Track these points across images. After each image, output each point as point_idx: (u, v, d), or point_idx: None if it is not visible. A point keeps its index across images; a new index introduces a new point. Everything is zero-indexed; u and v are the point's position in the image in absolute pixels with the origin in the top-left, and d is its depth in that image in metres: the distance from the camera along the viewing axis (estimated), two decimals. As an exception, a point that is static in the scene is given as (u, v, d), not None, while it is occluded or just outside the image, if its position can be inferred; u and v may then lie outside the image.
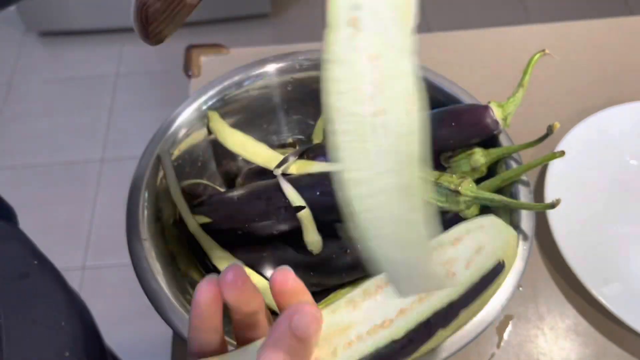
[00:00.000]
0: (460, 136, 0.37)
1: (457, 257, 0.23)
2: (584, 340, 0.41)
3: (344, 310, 0.22)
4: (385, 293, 0.22)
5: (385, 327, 0.21)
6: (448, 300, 0.22)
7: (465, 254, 0.23)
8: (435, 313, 0.21)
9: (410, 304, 0.21)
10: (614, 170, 0.50)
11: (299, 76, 0.45)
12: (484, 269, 0.23)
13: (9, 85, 1.42)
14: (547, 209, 0.31)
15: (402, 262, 0.17)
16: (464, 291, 0.22)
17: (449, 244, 0.23)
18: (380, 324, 0.21)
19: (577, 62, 0.59)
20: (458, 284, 0.22)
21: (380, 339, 0.21)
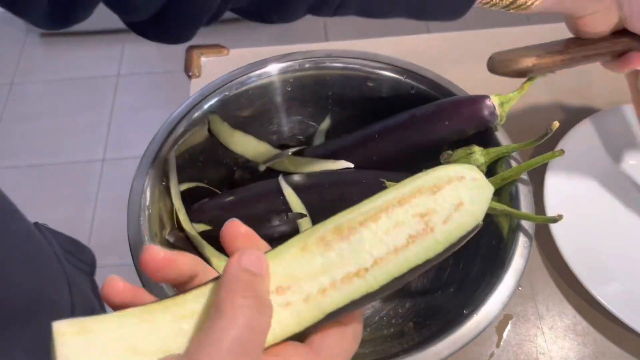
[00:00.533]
0: (459, 126, 0.38)
1: (436, 209, 0.21)
2: (583, 340, 0.41)
3: (316, 250, 0.21)
4: (359, 235, 0.21)
5: (360, 276, 0.21)
6: (425, 258, 0.21)
7: (444, 208, 0.21)
8: (411, 270, 0.21)
9: (385, 254, 0.21)
10: (614, 170, 0.50)
11: (299, 77, 0.45)
12: (463, 230, 0.21)
13: (11, 85, 1.43)
14: (549, 222, 0.31)
15: None
16: (442, 250, 0.21)
17: (428, 192, 0.22)
18: (355, 272, 0.21)
19: (576, 62, 0.59)
20: (436, 242, 0.21)
21: (356, 291, 0.20)
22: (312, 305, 0.20)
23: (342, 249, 0.21)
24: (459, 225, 0.21)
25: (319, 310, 0.20)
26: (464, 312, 0.33)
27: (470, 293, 0.35)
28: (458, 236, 0.21)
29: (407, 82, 0.43)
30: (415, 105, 0.43)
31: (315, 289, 0.20)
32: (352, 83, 0.45)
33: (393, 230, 0.21)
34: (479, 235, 0.29)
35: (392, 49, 0.59)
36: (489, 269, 0.36)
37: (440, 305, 0.38)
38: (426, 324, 0.37)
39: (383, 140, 0.41)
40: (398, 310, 0.41)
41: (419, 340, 0.34)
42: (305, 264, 0.21)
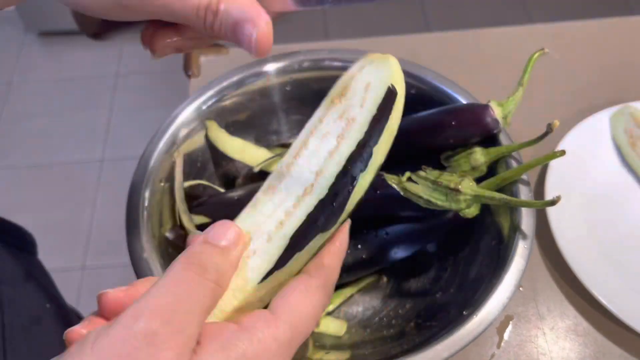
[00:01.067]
0: (460, 135, 0.37)
1: (350, 103, 0.23)
2: (584, 341, 0.41)
3: (266, 199, 0.23)
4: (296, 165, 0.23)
5: (308, 192, 0.22)
6: (356, 141, 0.22)
7: (357, 97, 0.23)
8: (350, 159, 0.22)
9: (323, 163, 0.22)
10: (614, 170, 0.50)
11: (299, 76, 0.44)
12: (378, 99, 0.23)
13: (9, 85, 1.42)
14: (547, 205, 0.31)
15: None
16: (367, 127, 0.22)
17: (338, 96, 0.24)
18: (303, 192, 0.22)
19: (577, 62, 0.59)
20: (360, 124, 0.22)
21: (308, 205, 0.22)
22: (275, 239, 0.21)
23: (287, 183, 0.22)
24: (373, 99, 0.23)
25: (282, 239, 0.21)
26: (464, 313, 0.33)
27: (470, 294, 0.35)
28: (376, 107, 0.23)
29: (407, 81, 0.43)
30: (416, 105, 0.43)
31: (274, 226, 0.22)
32: (352, 82, 0.45)
33: (322, 143, 0.23)
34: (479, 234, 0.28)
35: (392, 48, 0.59)
36: (489, 269, 0.36)
37: (441, 306, 0.38)
38: (426, 324, 0.37)
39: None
40: (398, 311, 0.40)
41: (419, 341, 0.34)
42: (259, 214, 0.22)
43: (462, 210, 0.35)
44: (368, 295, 0.43)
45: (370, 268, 0.41)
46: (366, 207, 0.37)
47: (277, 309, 0.20)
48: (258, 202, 0.23)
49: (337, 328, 0.40)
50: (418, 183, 0.35)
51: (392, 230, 0.39)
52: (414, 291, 0.42)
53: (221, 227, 0.21)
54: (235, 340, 0.18)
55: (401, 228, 0.39)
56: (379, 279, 0.43)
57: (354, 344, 0.39)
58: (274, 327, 0.19)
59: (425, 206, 0.34)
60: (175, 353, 0.16)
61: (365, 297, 0.43)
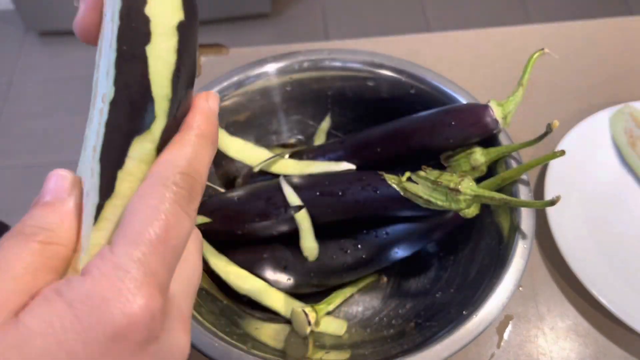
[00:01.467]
0: (460, 135, 0.37)
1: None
2: (584, 341, 0.41)
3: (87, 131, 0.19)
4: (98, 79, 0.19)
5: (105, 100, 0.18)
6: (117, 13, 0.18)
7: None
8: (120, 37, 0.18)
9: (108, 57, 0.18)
10: (614, 170, 0.50)
11: (299, 76, 0.45)
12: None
13: (9, 84, 1.42)
14: (547, 205, 0.31)
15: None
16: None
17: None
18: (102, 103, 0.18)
19: (577, 62, 0.59)
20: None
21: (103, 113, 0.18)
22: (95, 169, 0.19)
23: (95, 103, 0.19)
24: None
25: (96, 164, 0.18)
26: (464, 313, 0.33)
27: (470, 293, 0.35)
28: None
29: (407, 81, 0.43)
30: (416, 105, 0.43)
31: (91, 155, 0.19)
32: (352, 83, 0.45)
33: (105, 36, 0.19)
34: (479, 234, 0.28)
35: (392, 48, 0.59)
36: (489, 269, 0.36)
37: (441, 306, 0.38)
38: (426, 324, 0.37)
39: (383, 148, 0.40)
40: (398, 311, 0.41)
41: (419, 341, 0.34)
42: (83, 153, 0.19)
43: (462, 210, 0.35)
44: (368, 295, 0.43)
45: (370, 268, 0.41)
46: (366, 207, 0.37)
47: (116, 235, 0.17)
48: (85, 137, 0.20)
49: (337, 328, 0.40)
50: (418, 183, 0.35)
51: (392, 230, 0.39)
52: (414, 291, 0.42)
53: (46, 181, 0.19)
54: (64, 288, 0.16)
55: (401, 228, 0.39)
56: (379, 278, 0.43)
57: (354, 344, 0.39)
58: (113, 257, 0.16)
59: (425, 206, 0.35)
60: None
61: (365, 297, 0.43)
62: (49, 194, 0.18)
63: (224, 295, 0.40)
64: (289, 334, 0.39)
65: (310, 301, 0.41)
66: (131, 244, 0.16)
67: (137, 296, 0.15)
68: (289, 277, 0.40)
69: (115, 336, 0.15)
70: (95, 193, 0.18)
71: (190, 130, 0.19)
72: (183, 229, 0.18)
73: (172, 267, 0.17)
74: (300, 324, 0.38)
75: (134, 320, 0.15)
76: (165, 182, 0.17)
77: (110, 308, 0.15)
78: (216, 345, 0.31)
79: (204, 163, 0.19)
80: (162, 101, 0.18)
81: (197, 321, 0.32)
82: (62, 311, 0.15)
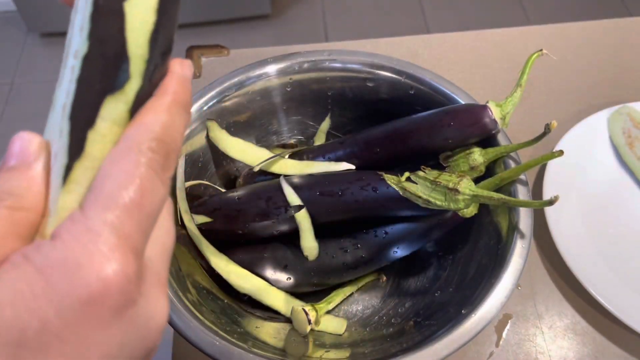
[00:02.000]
0: (459, 136, 0.38)
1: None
2: (582, 339, 0.42)
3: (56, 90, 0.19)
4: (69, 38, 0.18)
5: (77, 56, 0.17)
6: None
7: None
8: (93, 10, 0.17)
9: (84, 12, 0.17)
10: (612, 170, 0.50)
11: (299, 77, 0.45)
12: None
13: (11, 85, 1.43)
14: (545, 205, 0.32)
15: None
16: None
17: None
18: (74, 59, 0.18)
19: (575, 63, 0.59)
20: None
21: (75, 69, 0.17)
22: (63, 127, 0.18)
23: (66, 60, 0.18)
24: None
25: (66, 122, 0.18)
26: (463, 312, 0.33)
27: (469, 292, 0.35)
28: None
29: (406, 82, 0.43)
30: (415, 106, 0.43)
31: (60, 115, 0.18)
32: (352, 83, 0.45)
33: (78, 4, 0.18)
34: (477, 234, 0.29)
35: (392, 49, 0.59)
36: (488, 268, 0.36)
37: (440, 305, 0.38)
38: (426, 323, 0.37)
39: (383, 149, 0.41)
40: (398, 310, 0.41)
41: (418, 339, 0.34)
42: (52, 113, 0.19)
43: (460, 210, 0.35)
44: (367, 294, 0.43)
45: (369, 267, 0.41)
46: (366, 207, 0.38)
47: (87, 199, 0.16)
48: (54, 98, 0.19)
49: (337, 326, 0.40)
50: (417, 183, 0.35)
51: (391, 229, 0.39)
52: (413, 290, 0.42)
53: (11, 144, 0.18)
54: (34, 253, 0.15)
55: (400, 228, 0.39)
56: (379, 278, 0.43)
57: (353, 343, 0.39)
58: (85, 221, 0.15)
59: (424, 206, 0.35)
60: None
61: (365, 296, 0.43)
62: (14, 157, 0.18)
63: (225, 294, 0.40)
64: (289, 333, 0.39)
65: (310, 300, 0.41)
66: (104, 208, 0.15)
67: (111, 260, 0.15)
68: (289, 277, 0.41)
69: (89, 301, 0.14)
70: (64, 153, 0.17)
71: (165, 95, 0.18)
72: (158, 195, 0.17)
73: (147, 233, 0.17)
74: (300, 322, 0.38)
75: (109, 284, 0.15)
76: (140, 147, 0.17)
77: (83, 272, 0.14)
78: (217, 344, 0.31)
79: (179, 130, 0.18)
80: (138, 61, 0.17)
81: (198, 320, 0.33)
82: (32, 277, 0.14)
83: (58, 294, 0.14)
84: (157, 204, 0.17)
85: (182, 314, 0.32)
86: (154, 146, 0.17)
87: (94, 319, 0.15)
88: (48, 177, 0.18)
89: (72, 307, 0.14)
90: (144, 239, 0.16)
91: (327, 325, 0.40)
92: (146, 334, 0.16)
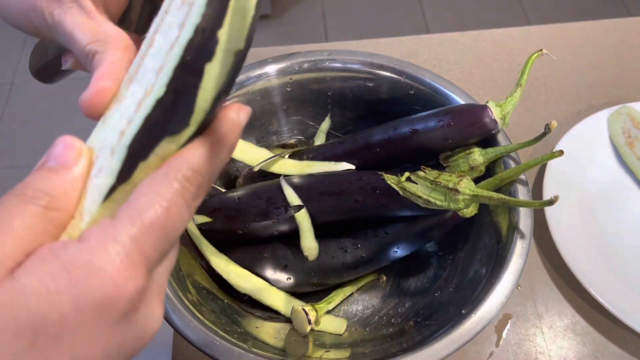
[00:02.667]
0: (459, 136, 0.38)
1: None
2: (582, 339, 0.42)
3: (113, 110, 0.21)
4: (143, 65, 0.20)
5: (149, 93, 0.19)
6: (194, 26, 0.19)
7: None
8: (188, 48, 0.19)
9: (165, 57, 0.19)
10: (612, 170, 0.50)
11: (299, 77, 0.45)
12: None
13: (11, 85, 1.43)
14: (545, 205, 0.32)
15: None
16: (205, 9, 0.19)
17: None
18: (144, 95, 0.20)
19: (575, 63, 0.59)
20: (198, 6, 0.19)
21: (146, 107, 0.19)
22: (117, 150, 0.19)
23: (132, 90, 0.20)
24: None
25: (122, 149, 0.19)
26: (462, 312, 0.33)
27: (469, 292, 0.35)
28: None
29: (406, 82, 0.43)
30: (415, 106, 0.43)
31: (116, 137, 0.20)
32: (352, 83, 0.45)
33: (166, 36, 0.20)
34: (477, 234, 0.28)
35: (392, 49, 0.59)
36: (488, 268, 0.36)
37: (440, 305, 0.38)
38: (426, 323, 0.37)
39: (383, 149, 0.41)
40: (398, 310, 0.41)
41: (418, 339, 0.34)
42: (107, 128, 0.20)
43: (460, 210, 0.35)
44: (367, 294, 0.43)
45: (369, 267, 0.41)
46: (366, 207, 0.38)
47: (119, 212, 0.18)
48: (107, 115, 0.21)
49: (337, 326, 0.40)
50: (417, 183, 0.35)
51: (391, 229, 0.39)
52: (413, 290, 0.42)
53: (54, 147, 0.19)
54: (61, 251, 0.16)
55: (400, 227, 0.39)
56: (379, 277, 0.43)
57: (353, 343, 0.39)
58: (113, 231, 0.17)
59: (424, 206, 0.35)
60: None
61: (365, 296, 0.43)
62: (54, 159, 0.19)
63: (225, 294, 0.40)
64: (289, 333, 0.39)
65: (310, 300, 0.41)
66: (131, 222, 0.17)
67: (128, 271, 0.17)
68: (289, 276, 0.41)
69: (104, 303, 0.16)
70: (112, 175, 0.19)
71: (212, 135, 0.20)
72: (182, 221, 0.18)
73: (163, 253, 0.18)
74: (300, 322, 0.38)
75: (122, 292, 0.16)
76: (176, 174, 0.18)
77: (102, 276, 0.16)
78: (217, 344, 0.31)
79: (216, 167, 0.20)
80: (200, 113, 0.19)
81: (198, 320, 0.33)
82: (58, 273, 0.16)
83: (79, 293, 0.16)
84: (180, 228, 0.19)
85: (182, 314, 0.32)
86: (189, 176, 0.19)
87: (104, 318, 0.16)
88: (84, 183, 0.19)
89: (87, 305, 0.16)
90: (159, 257, 0.18)
91: (327, 325, 0.40)
92: (142, 336, 0.18)
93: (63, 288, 0.16)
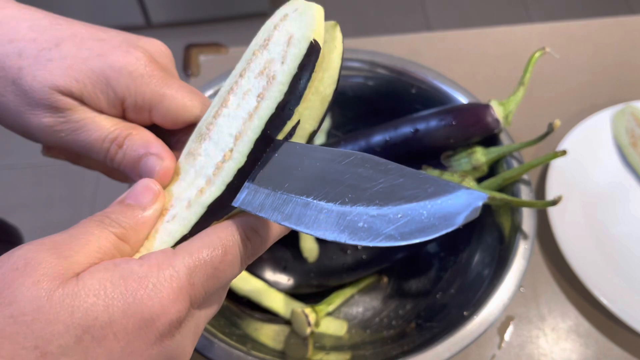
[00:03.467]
0: (461, 135, 0.37)
1: (272, 58, 0.22)
2: (585, 341, 0.41)
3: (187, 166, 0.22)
4: (216, 126, 0.22)
5: (227, 159, 0.21)
6: (275, 103, 0.21)
7: (278, 52, 0.22)
8: (270, 122, 0.21)
9: (242, 126, 0.21)
10: (616, 170, 0.49)
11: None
12: (299, 56, 0.21)
13: (9, 85, 1.42)
14: (548, 205, 0.31)
15: None
16: (288, 88, 0.21)
17: (260, 49, 0.22)
18: (223, 159, 0.21)
19: (578, 61, 0.58)
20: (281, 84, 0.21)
21: (227, 173, 0.21)
22: (194, 206, 0.21)
23: (207, 148, 0.22)
24: (294, 56, 0.21)
25: (200, 206, 0.21)
26: (464, 314, 0.33)
27: (471, 294, 0.35)
28: (297, 65, 0.21)
29: (407, 81, 0.43)
30: (416, 105, 0.42)
31: (194, 193, 0.21)
32: (352, 82, 0.45)
33: (242, 101, 0.21)
34: (480, 234, 0.28)
35: (393, 47, 0.58)
36: (490, 269, 0.35)
37: (441, 307, 0.38)
38: (427, 325, 0.37)
39: (384, 148, 0.40)
40: (398, 312, 0.40)
41: (419, 341, 0.34)
42: (181, 181, 0.22)
43: (462, 211, 0.34)
44: (368, 296, 0.43)
45: (370, 268, 0.40)
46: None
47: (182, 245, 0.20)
48: (178, 171, 0.22)
49: (338, 328, 0.40)
50: (418, 183, 0.34)
51: (392, 230, 0.39)
52: (415, 292, 0.42)
53: (136, 186, 0.21)
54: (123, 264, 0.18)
55: (401, 228, 0.38)
56: (380, 279, 0.43)
57: (354, 345, 0.39)
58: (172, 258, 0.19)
59: (426, 206, 0.34)
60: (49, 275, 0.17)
61: (366, 297, 0.43)
62: (133, 198, 0.21)
63: (224, 296, 0.39)
64: (289, 335, 0.39)
65: (310, 302, 0.41)
66: (190, 254, 0.19)
67: (174, 295, 0.18)
68: (289, 278, 0.40)
69: (147, 318, 0.18)
70: (186, 225, 0.21)
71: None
72: (233, 270, 0.20)
73: (208, 291, 0.20)
74: (300, 324, 0.38)
75: (164, 312, 0.18)
76: (239, 229, 0.21)
77: (152, 293, 0.18)
78: (216, 346, 0.31)
79: (274, 236, 0.22)
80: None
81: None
82: (117, 281, 0.18)
83: (130, 303, 0.18)
84: (229, 276, 0.20)
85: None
86: (250, 235, 0.21)
87: (144, 333, 0.18)
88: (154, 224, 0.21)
89: (134, 316, 0.18)
90: (204, 295, 0.20)
91: (327, 327, 0.39)
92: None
93: (119, 295, 0.17)
